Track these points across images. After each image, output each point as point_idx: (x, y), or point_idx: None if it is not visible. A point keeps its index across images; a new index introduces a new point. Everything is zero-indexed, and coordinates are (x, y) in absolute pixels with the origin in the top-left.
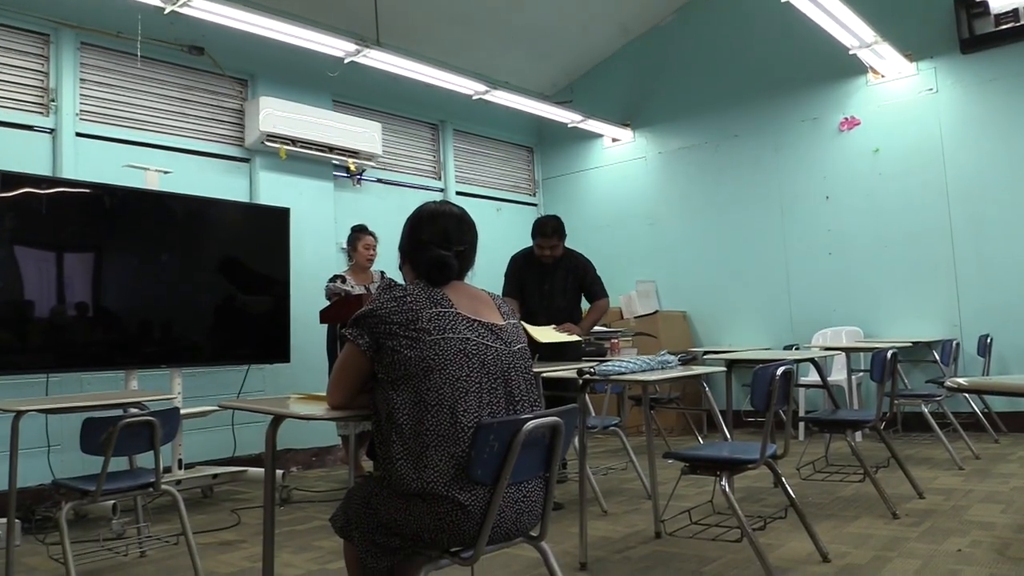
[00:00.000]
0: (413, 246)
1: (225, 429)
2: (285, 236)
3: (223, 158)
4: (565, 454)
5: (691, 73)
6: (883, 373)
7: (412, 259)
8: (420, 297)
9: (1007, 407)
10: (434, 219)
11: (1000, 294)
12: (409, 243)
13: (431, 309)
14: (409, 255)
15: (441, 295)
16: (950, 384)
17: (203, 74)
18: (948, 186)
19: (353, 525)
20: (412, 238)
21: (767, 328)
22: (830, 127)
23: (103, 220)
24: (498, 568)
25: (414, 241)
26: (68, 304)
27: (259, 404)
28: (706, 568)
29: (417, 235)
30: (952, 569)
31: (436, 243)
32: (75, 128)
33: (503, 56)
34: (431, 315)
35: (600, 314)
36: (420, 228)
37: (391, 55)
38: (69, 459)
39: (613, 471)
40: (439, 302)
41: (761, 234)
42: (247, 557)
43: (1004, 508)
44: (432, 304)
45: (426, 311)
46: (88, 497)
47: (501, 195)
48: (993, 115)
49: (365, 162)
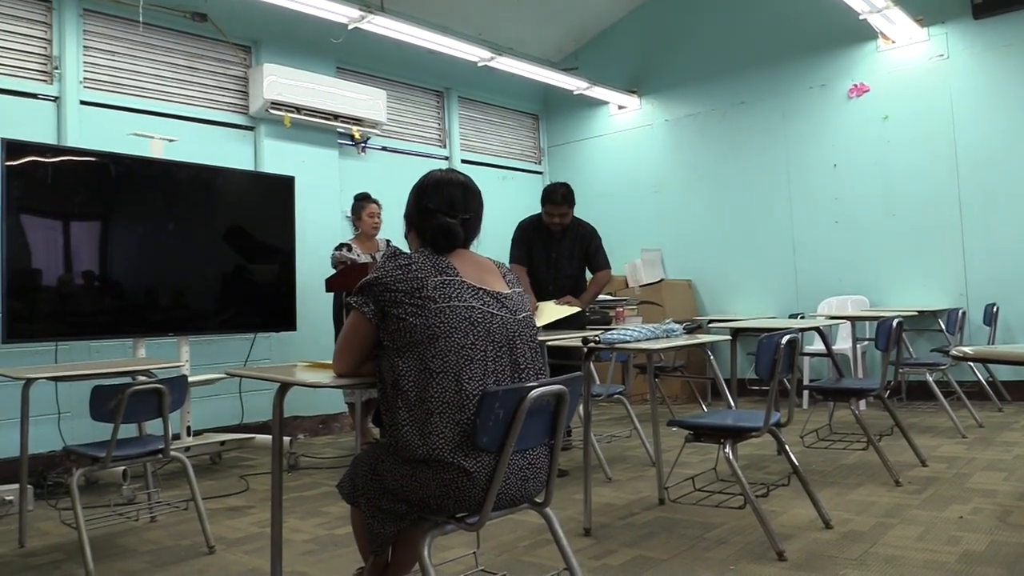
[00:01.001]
0: (419, 214)
1: (233, 397)
2: (290, 204)
3: (227, 126)
4: (570, 422)
5: (698, 39)
6: (888, 342)
7: (418, 227)
8: (425, 265)
9: (1012, 376)
10: (440, 187)
11: (1007, 263)
12: (415, 211)
13: (436, 277)
14: (415, 223)
15: (446, 263)
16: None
17: (207, 41)
18: (957, 155)
19: (360, 491)
20: (418, 206)
21: (772, 297)
22: (839, 94)
23: (109, 189)
24: (503, 534)
25: (420, 209)
26: (75, 273)
27: (266, 372)
28: (709, 534)
29: (423, 203)
30: (953, 536)
31: (442, 211)
32: (79, 96)
33: (508, 22)
34: (436, 283)
35: (600, 287)
36: (425, 196)
37: (395, 21)
38: (79, 426)
39: (617, 439)
40: (444, 270)
41: (767, 202)
42: (255, 522)
43: (1006, 476)
44: (437, 272)
45: (431, 279)
46: (99, 463)
47: (506, 163)
48: (1005, 82)
49: (369, 130)
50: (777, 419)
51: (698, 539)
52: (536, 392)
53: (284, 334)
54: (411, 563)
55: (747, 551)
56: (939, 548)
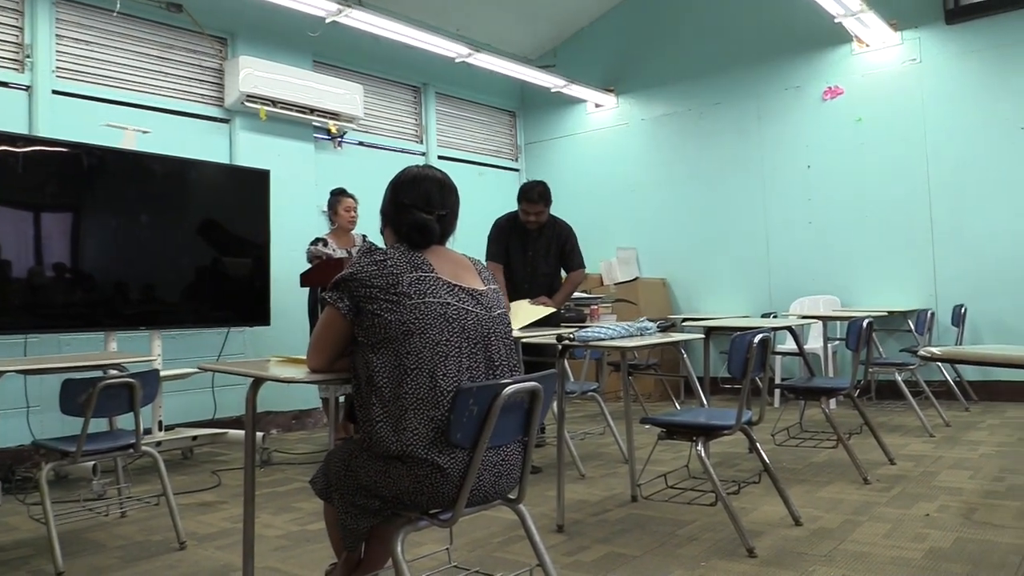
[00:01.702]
0: (395, 209)
1: (205, 391)
2: (265, 198)
3: (202, 118)
4: (544, 419)
5: (675, 39)
6: (858, 342)
7: (393, 222)
8: (400, 261)
9: (978, 376)
10: (416, 183)
11: (975, 265)
12: (391, 206)
13: (412, 273)
14: (390, 218)
15: (422, 259)
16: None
17: (182, 32)
18: (928, 158)
19: (333, 487)
20: (394, 201)
21: (746, 296)
22: (813, 96)
23: (81, 180)
24: (477, 530)
25: (396, 204)
26: (46, 265)
27: (239, 366)
28: (681, 531)
29: (399, 198)
30: (920, 533)
31: (418, 207)
32: (52, 86)
33: (487, 19)
34: (411, 279)
35: (573, 287)
36: (401, 191)
37: (373, 16)
38: (49, 420)
39: (591, 436)
40: (420, 266)
41: (742, 202)
42: (227, 518)
43: (972, 474)
44: (412, 268)
45: (406, 275)
46: (68, 458)
47: (483, 160)
48: (976, 87)
49: (346, 124)
50: (749, 417)
51: (670, 536)
52: (510, 389)
53: (258, 329)
54: (384, 559)
55: (718, 548)
56: (906, 545)
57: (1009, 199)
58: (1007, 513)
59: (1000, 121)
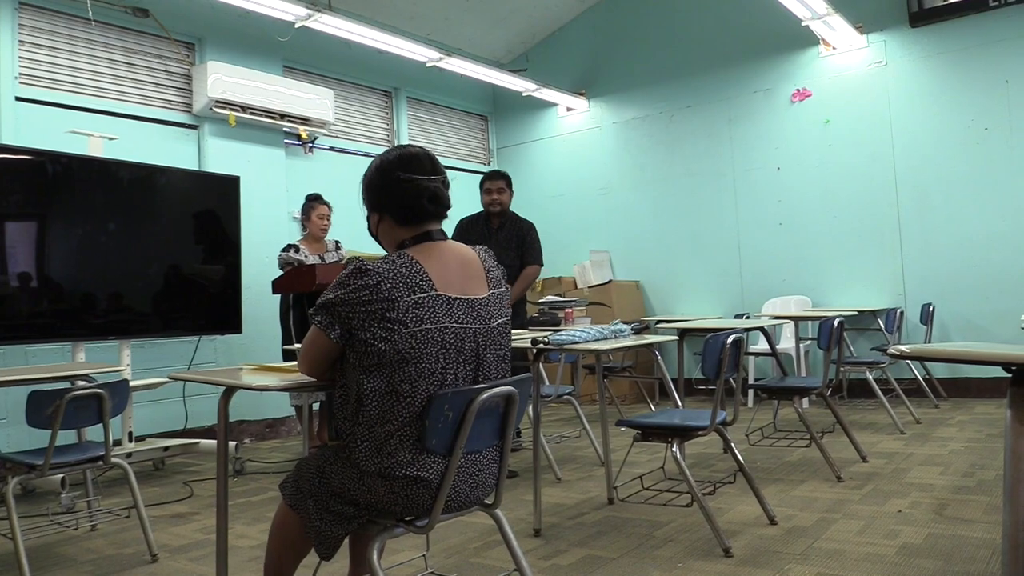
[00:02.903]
0: (392, 188)
1: (176, 401)
2: (235, 205)
3: (170, 124)
4: (519, 423)
5: (646, 43)
6: (830, 341)
7: (394, 204)
8: (397, 282)
9: (947, 373)
10: (406, 157)
11: (942, 264)
12: (385, 189)
13: (409, 296)
14: (389, 202)
15: (422, 274)
16: (893, 351)
17: (148, 37)
18: (895, 158)
19: (306, 494)
20: (388, 181)
21: (719, 297)
22: (782, 98)
23: (46, 188)
24: (453, 536)
25: (392, 182)
26: (11, 275)
27: (211, 375)
28: (657, 532)
29: (393, 175)
30: (893, 529)
31: (420, 174)
32: (14, 92)
33: (458, 23)
34: (409, 303)
35: (527, 283)
36: (393, 168)
37: (343, 20)
38: (15, 433)
39: (567, 439)
40: (419, 285)
41: (713, 204)
42: (200, 529)
43: (942, 470)
44: (410, 289)
45: (404, 298)
46: (35, 471)
47: (455, 164)
48: (940, 88)
49: (317, 129)
50: (723, 418)
51: (647, 537)
52: (485, 394)
53: (229, 336)
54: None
55: (694, 548)
56: (879, 541)
57: (974, 199)
58: (977, 508)
59: (965, 122)
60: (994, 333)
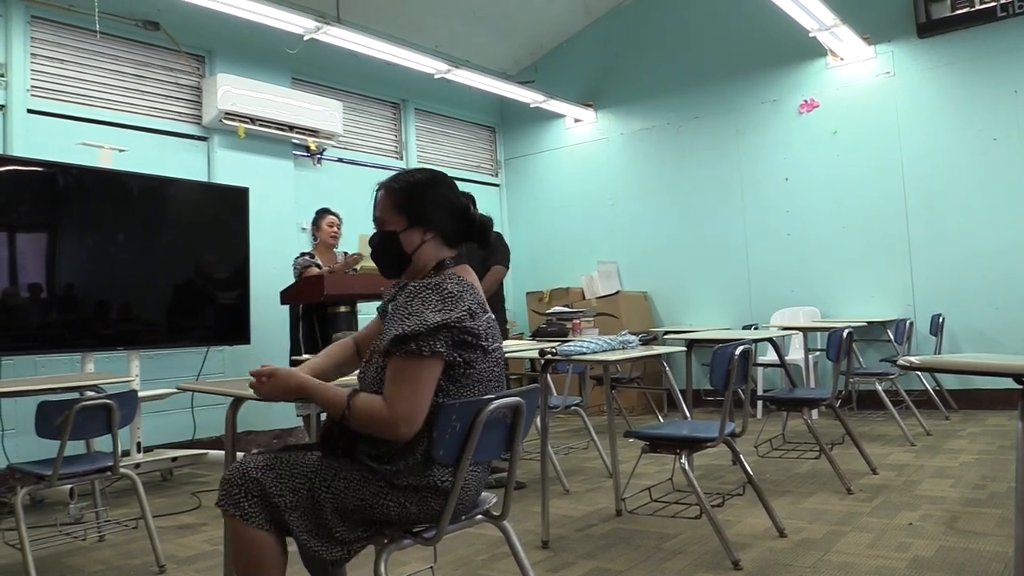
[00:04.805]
0: (450, 207)
1: (184, 412)
2: (244, 216)
3: (180, 136)
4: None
5: (653, 54)
6: (839, 352)
7: (450, 222)
8: (474, 303)
9: (957, 385)
10: (449, 180)
11: (952, 274)
12: (446, 204)
13: (483, 316)
14: (440, 220)
15: (480, 296)
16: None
17: (159, 50)
18: (903, 169)
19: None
20: (451, 196)
21: (727, 308)
22: (790, 109)
23: (57, 199)
24: (460, 547)
25: (454, 200)
26: (21, 285)
27: (219, 386)
28: (666, 544)
29: (455, 195)
30: (903, 542)
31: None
32: (26, 104)
33: (465, 35)
34: (483, 325)
35: (491, 279)
36: (451, 187)
37: (352, 32)
38: (25, 443)
39: (575, 450)
40: (482, 306)
41: (721, 215)
42: (207, 540)
43: (953, 483)
44: (482, 310)
45: (480, 319)
46: (44, 482)
47: (463, 175)
48: (948, 99)
49: (325, 141)
50: (732, 429)
51: (655, 550)
52: (493, 404)
53: (238, 347)
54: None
55: (703, 561)
56: (889, 555)
57: (983, 209)
58: (989, 521)
59: (973, 132)
60: (1005, 344)
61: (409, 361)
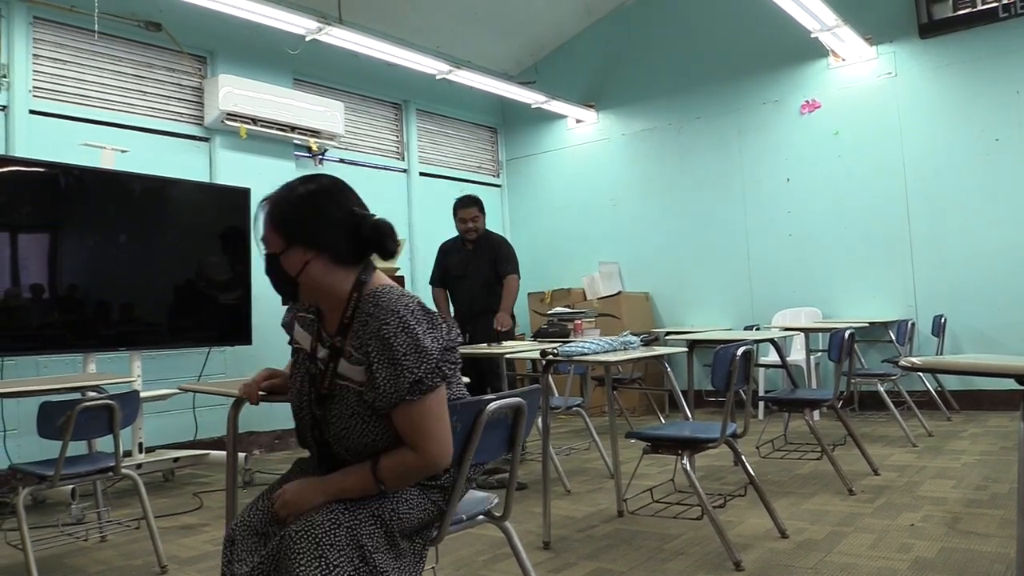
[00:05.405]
0: (340, 218)
1: (186, 412)
2: (246, 217)
3: (181, 137)
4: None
5: (654, 55)
6: (840, 353)
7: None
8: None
9: (959, 386)
10: (340, 187)
11: (954, 275)
12: (330, 218)
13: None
14: (330, 235)
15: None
16: (905, 364)
17: (161, 51)
18: (905, 169)
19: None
20: (334, 209)
21: (728, 309)
22: (791, 110)
23: (59, 199)
24: (462, 548)
25: (340, 213)
26: (23, 286)
27: (220, 386)
28: (667, 545)
29: (339, 207)
30: (905, 543)
31: (361, 207)
32: (29, 105)
33: (467, 35)
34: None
35: (511, 294)
36: (336, 198)
37: (353, 33)
38: (26, 443)
39: (576, 451)
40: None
41: (723, 215)
42: (209, 541)
43: (955, 484)
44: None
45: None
46: (46, 482)
47: (465, 176)
48: (950, 99)
49: (327, 142)
50: (733, 430)
51: (657, 550)
52: (494, 405)
53: (239, 348)
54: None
55: (705, 562)
56: (891, 555)
57: (985, 209)
58: (991, 522)
59: (975, 133)
60: (1007, 345)
61: (423, 400)
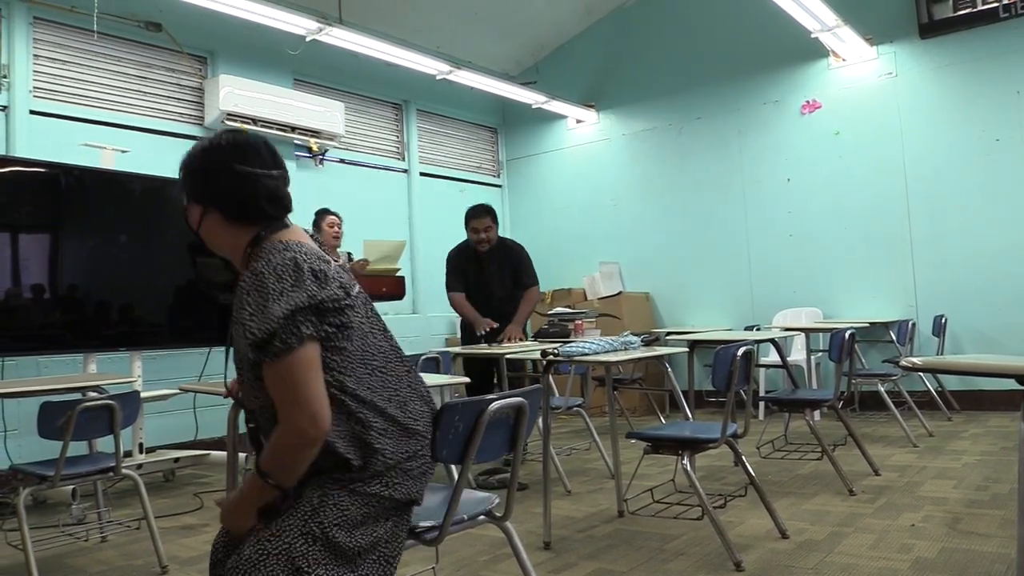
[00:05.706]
0: (222, 179)
1: (187, 412)
2: None
3: (182, 137)
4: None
5: (655, 55)
6: (841, 353)
7: (224, 196)
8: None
9: (960, 386)
10: (241, 147)
11: (954, 275)
12: (213, 178)
13: (329, 267)
14: (215, 194)
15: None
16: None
17: (161, 51)
18: (906, 170)
19: None
20: (218, 167)
21: (729, 309)
22: (792, 110)
23: (59, 200)
24: (462, 548)
25: (223, 171)
26: (24, 286)
27: (221, 387)
28: (668, 545)
29: (224, 164)
30: (905, 543)
31: (259, 167)
32: (29, 106)
33: (467, 36)
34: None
35: (531, 305)
36: (226, 156)
37: (354, 33)
38: (27, 444)
39: (576, 451)
40: (323, 258)
41: (723, 216)
42: (210, 541)
43: (956, 484)
44: (324, 262)
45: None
46: (47, 482)
47: (465, 176)
48: (950, 99)
49: (327, 142)
50: (734, 430)
51: (657, 551)
52: (496, 404)
53: None
54: None
55: (705, 562)
56: (892, 556)
57: (986, 209)
58: (991, 522)
59: (976, 133)
60: (1007, 345)
61: (280, 361)
